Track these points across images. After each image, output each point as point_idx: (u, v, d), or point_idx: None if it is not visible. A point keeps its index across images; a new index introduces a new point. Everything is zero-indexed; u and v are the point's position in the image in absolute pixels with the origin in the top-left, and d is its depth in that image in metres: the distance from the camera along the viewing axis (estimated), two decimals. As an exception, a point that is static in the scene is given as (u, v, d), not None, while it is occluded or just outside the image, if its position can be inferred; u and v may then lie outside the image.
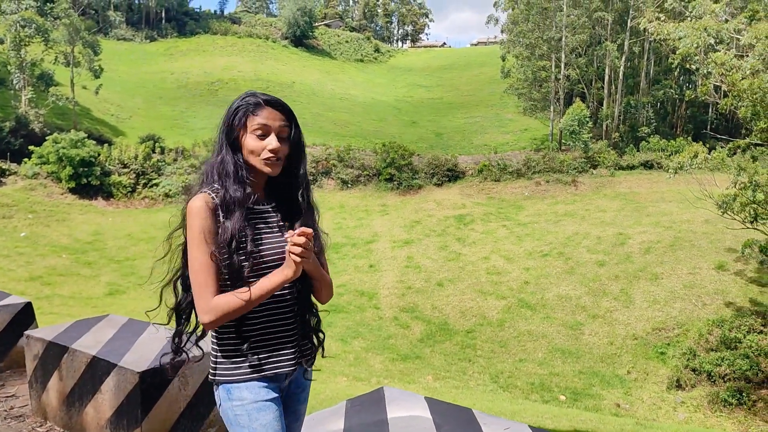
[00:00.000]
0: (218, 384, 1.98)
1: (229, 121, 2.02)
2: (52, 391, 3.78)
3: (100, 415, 3.46)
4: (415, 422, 2.76)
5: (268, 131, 1.99)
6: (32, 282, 21.58)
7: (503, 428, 2.71)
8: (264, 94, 2.04)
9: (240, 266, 1.91)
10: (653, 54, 44.46)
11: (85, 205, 31.37)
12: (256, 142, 1.98)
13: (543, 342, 19.68)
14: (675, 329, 19.19)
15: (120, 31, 66.60)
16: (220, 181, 1.98)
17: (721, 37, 17.17)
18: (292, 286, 2.05)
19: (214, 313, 1.88)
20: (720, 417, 15.85)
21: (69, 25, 37.79)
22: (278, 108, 2.02)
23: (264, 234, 2.01)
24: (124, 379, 3.30)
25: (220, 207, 1.94)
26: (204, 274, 1.90)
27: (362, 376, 16.46)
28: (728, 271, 21.37)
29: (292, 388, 2.09)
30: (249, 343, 1.95)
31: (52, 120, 36.80)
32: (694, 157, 19.61)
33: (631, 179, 33.50)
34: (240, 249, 1.92)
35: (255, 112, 1.99)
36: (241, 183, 1.97)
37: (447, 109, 54.40)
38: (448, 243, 27.36)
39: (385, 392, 3.10)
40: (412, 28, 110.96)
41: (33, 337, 3.89)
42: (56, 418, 3.78)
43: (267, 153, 1.97)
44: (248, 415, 1.91)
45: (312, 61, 71.15)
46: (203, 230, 1.91)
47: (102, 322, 4.10)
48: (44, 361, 3.80)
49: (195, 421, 3.44)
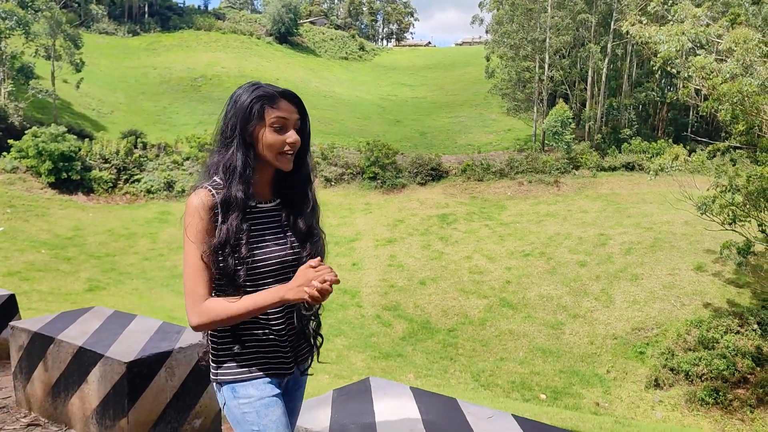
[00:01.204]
0: (222, 384, 1.93)
1: (246, 113, 1.90)
2: (37, 382, 3.76)
3: (86, 406, 3.46)
4: (401, 411, 2.79)
5: (286, 125, 1.92)
6: (10, 277, 21.28)
7: (487, 417, 2.75)
8: (274, 86, 1.96)
9: (234, 271, 1.84)
10: (636, 56, 44.90)
11: (65, 200, 31.00)
12: (275, 136, 1.90)
13: (524, 341, 19.82)
14: (654, 329, 19.42)
15: (102, 24, 65.83)
16: (224, 177, 1.89)
17: (701, 41, 17.38)
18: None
19: (203, 317, 1.82)
20: (697, 416, 16.07)
21: (50, 17, 37.31)
22: (294, 101, 1.96)
23: (263, 237, 1.93)
24: (110, 369, 3.30)
25: (219, 205, 1.85)
26: (195, 275, 1.84)
27: (344, 373, 16.46)
28: (707, 272, 21.66)
29: (292, 386, 2.08)
30: (247, 344, 1.91)
31: (31, 113, 36.32)
32: (675, 159, 19.83)
33: (613, 180, 33.83)
34: (235, 253, 1.84)
35: (273, 105, 1.91)
36: (246, 182, 1.89)
37: (431, 108, 54.51)
38: (430, 242, 27.44)
39: (371, 382, 3.13)
40: (397, 27, 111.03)
41: (18, 328, 3.86)
42: (41, 408, 3.77)
43: (286, 147, 1.91)
44: (257, 412, 1.88)
45: (296, 58, 70.91)
46: (198, 229, 1.84)
47: (88, 314, 4.09)
48: (29, 352, 3.79)
49: (182, 411, 3.45)
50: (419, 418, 2.72)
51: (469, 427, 2.66)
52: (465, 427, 2.66)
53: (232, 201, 1.86)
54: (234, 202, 1.85)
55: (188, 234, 1.85)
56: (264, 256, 1.91)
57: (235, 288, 1.86)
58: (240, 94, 1.93)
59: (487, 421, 2.72)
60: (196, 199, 1.86)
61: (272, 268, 1.92)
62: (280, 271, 1.93)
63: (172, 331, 3.72)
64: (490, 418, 2.75)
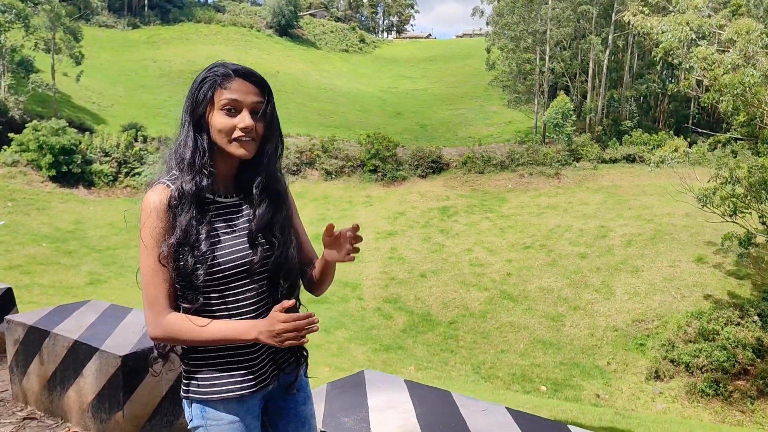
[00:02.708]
0: (192, 401, 1.78)
1: (194, 96, 1.71)
2: (33, 376, 3.77)
3: (82, 399, 3.46)
4: (395, 404, 2.78)
5: (239, 107, 1.69)
6: (11, 271, 21.31)
7: (481, 410, 2.74)
8: (235, 64, 1.74)
9: (192, 270, 1.66)
10: (637, 48, 44.74)
11: (65, 194, 31.01)
12: (225, 119, 1.68)
13: (525, 333, 19.84)
14: (654, 321, 19.43)
15: (102, 17, 65.66)
16: (177, 169, 1.72)
17: (703, 31, 17.31)
18: (264, 295, 1.80)
19: (165, 332, 1.68)
20: (697, 407, 16.11)
21: (50, 10, 37.22)
22: (251, 80, 1.72)
23: (224, 234, 1.73)
24: (106, 362, 3.30)
25: (175, 201, 1.68)
26: (155, 282, 1.67)
27: (345, 366, 16.49)
28: (707, 264, 21.65)
29: (284, 390, 1.90)
30: (221, 356, 1.75)
31: (32, 107, 36.28)
32: (674, 152, 19.81)
33: (614, 172, 33.76)
34: (194, 250, 1.66)
35: (224, 85, 1.68)
36: (198, 172, 1.70)
37: (432, 100, 54.40)
38: (431, 235, 27.44)
39: (365, 375, 3.13)
40: (398, 19, 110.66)
41: (14, 322, 3.86)
42: (37, 402, 3.78)
43: (238, 132, 1.69)
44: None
45: (296, 50, 70.72)
46: (156, 231, 1.66)
47: (84, 307, 4.09)
48: (25, 345, 3.79)
49: (177, 404, 3.43)
50: (413, 411, 2.71)
51: (463, 419, 2.66)
52: (459, 419, 2.66)
53: (185, 194, 1.68)
54: (186, 194, 1.68)
55: (143, 236, 1.67)
56: (225, 255, 1.71)
57: (194, 290, 1.69)
58: (197, 75, 1.74)
59: (481, 413, 2.72)
60: (153, 196, 1.68)
61: (235, 270, 1.72)
62: (245, 272, 1.74)
63: None
64: (484, 410, 2.75)
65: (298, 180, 34.21)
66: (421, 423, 2.61)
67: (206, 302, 1.73)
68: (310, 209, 29.49)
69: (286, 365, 1.87)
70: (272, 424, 1.91)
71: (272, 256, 1.78)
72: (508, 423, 2.63)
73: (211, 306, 1.73)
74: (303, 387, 1.95)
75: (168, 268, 1.67)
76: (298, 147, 36.15)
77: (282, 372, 1.86)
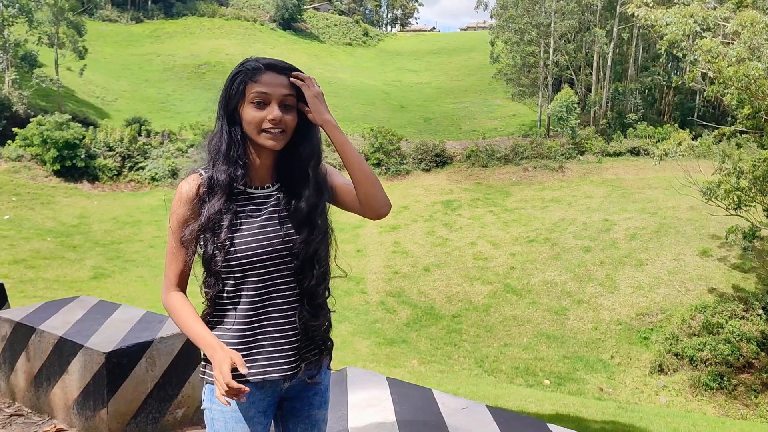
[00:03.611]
0: (205, 382, 1.84)
1: (227, 90, 1.79)
2: (20, 372, 3.77)
3: (67, 396, 3.46)
4: (374, 401, 2.79)
5: (267, 99, 1.75)
6: (16, 265, 21.40)
7: (461, 407, 2.75)
8: (267, 58, 1.82)
9: (211, 257, 1.74)
10: (642, 40, 44.48)
11: (70, 188, 31.08)
12: (255, 112, 1.75)
13: (528, 327, 19.83)
14: (658, 314, 19.40)
15: (105, 11, 65.67)
16: (212, 159, 1.80)
17: (708, 23, 17.19)
18: (295, 281, 1.82)
19: (164, 304, 1.84)
20: (701, 401, 16.09)
21: (53, 5, 37.19)
22: (282, 72, 1.79)
23: (249, 223, 1.78)
24: (90, 359, 3.29)
25: (204, 188, 1.77)
26: (170, 261, 1.81)
27: (348, 360, 16.52)
28: (712, 257, 21.59)
29: (299, 391, 1.91)
30: (236, 346, 1.76)
31: (36, 102, 36.34)
32: (679, 145, 19.72)
33: (618, 166, 33.64)
34: (213, 237, 1.74)
35: (254, 79, 1.75)
36: (231, 163, 1.77)
37: (436, 94, 54.26)
38: (435, 228, 27.42)
39: (348, 373, 3.14)
40: (402, 12, 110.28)
41: (1, 318, 3.87)
42: (24, 398, 3.78)
43: (267, 124, 1.74)
44: (225, 423, 1.79)
45: (300, 44, 70.60)
46: (179, 216, 1.77)
47: (72, 303, 4.08)
48: (12, 342, 3.79)
49: (163, 402, 3.44)
50: (392, 409, 2.72)
51: (442, 417, 2.66)
52: (437, 418, 2.66)
53: (215, 183, 1.76)
54: (217, 184, 1.76)
55: (170, 220, 1.79)
56: (245, 243, 1.76)
57: (213, 276, 1.77)
58: (232, 70, 1.82)
59: (461, 412, 2.72)
60: (184, 185, 1.80)
61: (255, 258, 1.76)
62: (267, 261, 1.77)
63: (155, 320, 3.70)
64: (464, 409, 2.75)
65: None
66: (399, 421, 2.61)
67: (223, 289, 1.79)
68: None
69: (309, 359, 1.88)
70: (283, 422, 1.95)
71: (311, 242, 1.82)
72: (487, 421, 2.64)
73: (230, 293, 1.79)
74: (321, 392, 1.96)
75: (188, 250, 1.79)
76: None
77: (305, 365, 1.87)
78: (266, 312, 1.79)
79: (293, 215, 1.81)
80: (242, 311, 1.78)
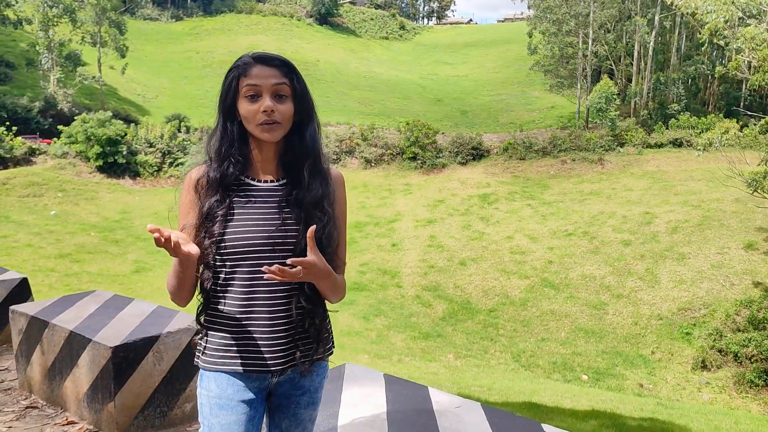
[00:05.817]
0: (198, 368, 1.85)
1: (224, 87, 1.79)
2: (35, 365, 3.85)
3: (78, 389, 3.53)
4: (369, 399, 2.78)
5: (259, 91, 1.74)
6: (62, 259, 22.03)
7: (455, 406, 2.74)
8: (258, 52, 1.82)
9: (205, 248, 1.75)
10: (685, 28, 43.36)
11: (112, 184, 31.85)
12: (249, 105, 1.74)
13: (566, 321, 19.58)
14: (701, 309, 18.93)
15: (146, 10, 66.99)
16: (209, 156, 1.82)
17: (750, 10, 16.64)
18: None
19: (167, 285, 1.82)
20: (746, 398, 15.67)
21: (96, 4, 38.11)
22: (272, 64, 1.77)
23: (245, 214, 1.77)
24: (98, 353, 3.33)
25: (201, 184, 1.79)
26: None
27: (384, 353, 16.56)
28: (758, 250, 20.96)
29: (288, 389, 1.88)
30: (225, 333, 1.77)
31: (80, 100, 37.33)
32: (725, 134, 19.19)
33: (659, 157, 32.89)
34: (208, 231, 1.75)
35: (245, 73, 1.75)
36: (225, 159, 1.78)
37: (472, 86, 53.89)
38: (471, 222, 27.24)
39: (345, 369, 3.14)
40: (438, 5, 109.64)
41: (17, 312, 3.95)
42: (39, 391, 3.87)
43: (261, 116, 1.73)
44: (210, 408, 1.79)
45: (336, 39, 70.85)
46: (186, 206, 1.82)
47: (87, 298, 4.15)
48: (28, 335, 3.87)
49: (171, 396, 3.47)
50: (385, 407, 2.71)
51: (434, 416, 2.65)
52: (429, 415, 2.66)
53: (209, 180, 1.78)
54: (211, 180, 1.78)
55: (179, 208, 1.86)
56: (234, 233, 1.75)
57: (208, 268, 1.78)
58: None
59: (454, 410, 2.72)
60: (190, 174, 1.84)
61: (245, 248, 1.75)
62: (259, 251, 1.75)
63: (165, 315, 3.73)
64: (458, 407, 2.75)
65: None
66: (390, 419, 2.60)
67: (216, 281, 1.79)
68: (350, 198, 29.27)
69: (302, 350, 1.82)
70: (270, 414, 1.93)
71: (299, 234, 1.78)
72: (479, 421, 2.62)
73: (222, 284, 1.78)
74: (310, 392, 1.91)
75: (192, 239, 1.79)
76: (337, 136, 36.27)
77: (299, 353, 1.82)
78: (256, 302, 1.77)
79: (295, 206, 1.80)
80: (232, 300, 1.78)
